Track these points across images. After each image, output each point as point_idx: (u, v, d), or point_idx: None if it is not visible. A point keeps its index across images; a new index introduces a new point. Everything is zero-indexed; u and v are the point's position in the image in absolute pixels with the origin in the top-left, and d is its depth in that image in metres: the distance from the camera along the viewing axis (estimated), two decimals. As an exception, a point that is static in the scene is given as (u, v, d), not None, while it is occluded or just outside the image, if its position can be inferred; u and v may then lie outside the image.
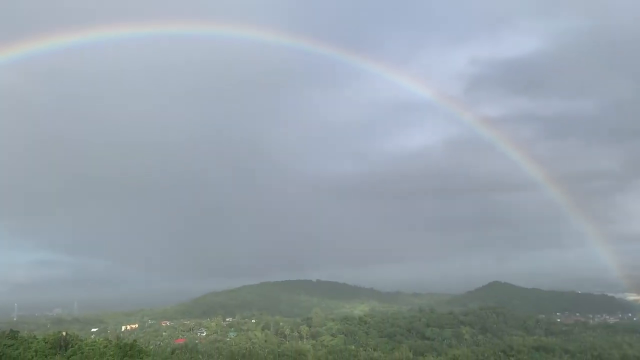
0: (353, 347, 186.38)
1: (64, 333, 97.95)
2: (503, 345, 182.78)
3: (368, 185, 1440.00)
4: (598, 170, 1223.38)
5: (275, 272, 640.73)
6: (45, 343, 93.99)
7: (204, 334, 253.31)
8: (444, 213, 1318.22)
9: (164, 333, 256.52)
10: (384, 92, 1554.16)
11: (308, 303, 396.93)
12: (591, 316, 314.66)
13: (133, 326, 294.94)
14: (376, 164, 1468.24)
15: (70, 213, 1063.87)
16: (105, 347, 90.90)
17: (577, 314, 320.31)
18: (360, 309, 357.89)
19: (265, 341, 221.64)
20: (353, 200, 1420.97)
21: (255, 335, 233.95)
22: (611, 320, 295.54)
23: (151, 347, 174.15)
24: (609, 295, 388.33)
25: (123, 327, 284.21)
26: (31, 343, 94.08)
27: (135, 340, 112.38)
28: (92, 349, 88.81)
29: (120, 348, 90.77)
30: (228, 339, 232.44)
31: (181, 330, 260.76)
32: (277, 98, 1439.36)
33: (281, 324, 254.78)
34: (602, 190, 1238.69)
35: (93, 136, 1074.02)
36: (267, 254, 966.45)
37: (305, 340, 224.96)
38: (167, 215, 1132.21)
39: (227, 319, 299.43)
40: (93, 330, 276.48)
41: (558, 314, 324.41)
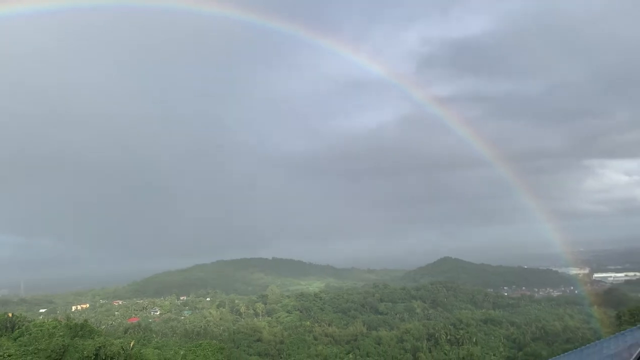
0: (308, 323, 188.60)
1: (10, 314, 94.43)
2: (453, 318, 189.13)
3: (322, 163, 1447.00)
4: (543, 149, 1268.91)
5: (230, 251, 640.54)
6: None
7: (158, 313, 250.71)
8: (397, 190, 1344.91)
9: (117, 312, 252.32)
10: (338, 70, 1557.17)
11: (263, 281, 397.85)
12: (536, 290, 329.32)
13: (84, 306, 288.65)
14: (330, 142, 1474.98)
15: (8, 191, 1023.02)
16: (54, 328, 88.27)
17: (523, 288, 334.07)
18: (315, 286, 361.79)
19: (220, 319, 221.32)
20: (307, 178, 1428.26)
21: (210, 313, 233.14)
22: (555, 293, 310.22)
23: (103, 327, 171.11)
24: (553, 269, 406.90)
25: (73, 307, 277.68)
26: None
27: (86, 320, 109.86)
28: (41, 330, 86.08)
29: (70, 328, 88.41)
30: (182, 318, 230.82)
31: (134, 309, 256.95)
32: (231, 74, 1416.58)
33: (236, 302, 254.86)
34: (547, 168, 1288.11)
35: (30, 109, 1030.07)
36: (222, 233, 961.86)
37: (260, 317, 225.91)
38: (116, 193, 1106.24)
39: (182, 298, 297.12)
40: (41, 311, 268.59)
41: (505, 288, 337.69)
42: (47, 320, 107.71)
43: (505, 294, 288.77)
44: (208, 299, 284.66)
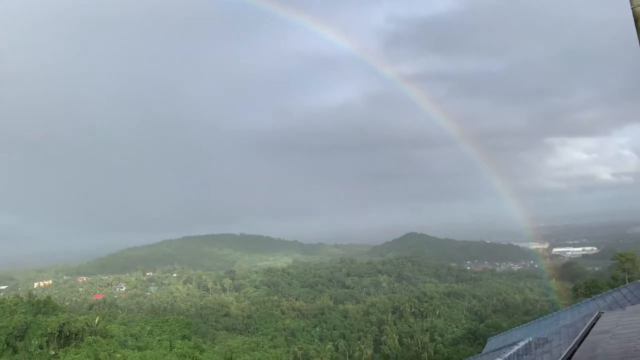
0: (276, 298, 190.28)
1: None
2: (417, 292, 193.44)
3: (289, 139, 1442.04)
4: (506, 127, 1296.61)
5: (197, 227, 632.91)
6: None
7: (123, 289, 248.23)
8: (364, 167, 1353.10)
9: (81, 289, 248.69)
10: (305, 46, 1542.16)
11: (232, 256, 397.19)
12: (498, 264, 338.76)
13: (46, 283, 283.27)
14: (297, 118, 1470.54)
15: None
16: (15, 305, 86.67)
17: (486, 262, 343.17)
18: (283, 261, 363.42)
19: (187, 295, 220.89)
20: (274, 154, 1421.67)
21: (177, 289, 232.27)
22: (515, 267, 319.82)
23: (67, 304, 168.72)
24: (515, 244, 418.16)
25: (35, 284, 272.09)
26: None
27: (49, 296, 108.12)
28: (2, 308, 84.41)
29: (32, 305, 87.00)
30: (149, 294, 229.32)
31: (99, 285, 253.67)
32: (197, 48, 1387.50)
33: (204, 278, 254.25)
34: (510, 146, 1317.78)
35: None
36: (190, 209, 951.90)
37: (228, 292, 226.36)
38: (76, 170, 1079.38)
39: (148, 274, 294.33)
40: (2, 288, 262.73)
41: (468, 262, 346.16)
42: (8, 297, 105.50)
43: (468, 268, 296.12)
44: (175, 275, 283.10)
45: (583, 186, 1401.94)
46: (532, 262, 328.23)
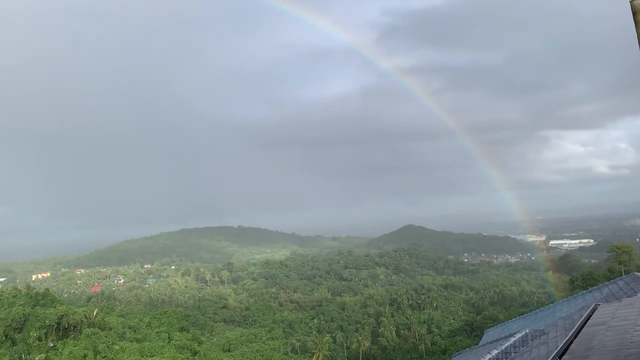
0: (274, 290, 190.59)
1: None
2: (415, 284, 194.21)
3: (286, 132, 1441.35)
4: (502, 120, 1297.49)
5: (195, 219, 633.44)
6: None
7: (122, 281, 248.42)
8: (361, 159, 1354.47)
9: (79, 281, 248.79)
10: (300, 38, 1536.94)
11: (229, 249, 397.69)
12: (495, 256, 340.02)
13: (44, 275, 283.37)
14: (291, 112, 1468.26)
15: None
16: (14, 297, 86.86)
17: (483, 255, 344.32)
18: (281, 253, 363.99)
19: (185, 287, 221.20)
20: (270, 147, 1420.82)
21: (175, 281, 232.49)
22: (512, 259, 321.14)
23: (65, 296, 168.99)
24: (512, 237, 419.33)
25: (33, 276, 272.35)
26: None
27: (47, 289, 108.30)
28: (0, 299, 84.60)
29: (31, 297, 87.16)
30: (147, 286, 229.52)
31: (97, 278, 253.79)
32: (191, 42, 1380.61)
33: (202, 270, 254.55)
34: (506, 139, 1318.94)
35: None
36: (187, 202, 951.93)
37: (226, 284, 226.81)
38: (76, 162, 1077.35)
39: (146, 266, 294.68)
40: (0, 280, 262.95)
41: (465, 255, 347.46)
42: (7, 289, 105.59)
43: (465, 261, 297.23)
44: (173, 267, 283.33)
45: (579, 179, 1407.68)
46: (529, 255, 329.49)
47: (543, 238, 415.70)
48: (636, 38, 7.83)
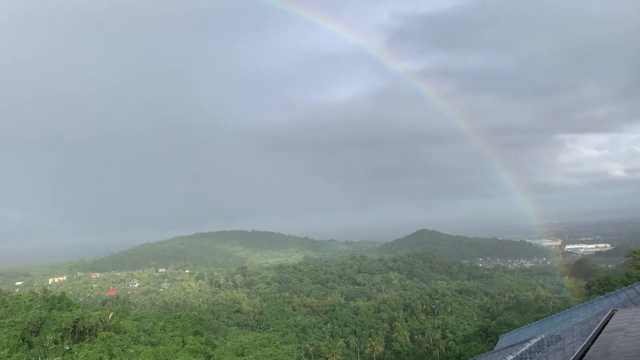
0: (287, 294, 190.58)
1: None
2: (429, 289, 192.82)
3: (298, 136, 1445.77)
4: (516, 123, 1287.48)
5: (209, 224, 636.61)
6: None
7: (136, 285, 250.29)
8: (374, 163, 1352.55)
9: (94, 285, 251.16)
10: (311, 43, 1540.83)
11: (243, 253, 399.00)
12: (510, 261, 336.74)
13: (61, 278, 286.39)
14: (303, 115, 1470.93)
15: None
16: (31, 301, 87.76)
17: (497, 259, 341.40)
18: (294, 257, 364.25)
19: (199, 291, 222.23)
20: (283, 150, 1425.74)
21: (189, 285, 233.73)
22: (527, 264, 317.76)
23: (81, 300, 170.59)
24: (527, 241, 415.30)
25: (50, 280, 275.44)
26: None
27: (63, 292, 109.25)
28: (17, 303, 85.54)
29: (47, 301, 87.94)
30: (161, 290, 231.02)
31: (112, 281, 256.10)
32: (206, 47, 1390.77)
33: (215, 274, 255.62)
34: (520, 142, 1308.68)
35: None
36: (200, 205, 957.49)
37: (239, 289, 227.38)
38: (91, 168, 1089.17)
39: (160, 270, 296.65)
40: (17, 283, 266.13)
41: (480, 259, 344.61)
42: (24, 292, 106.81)
43: (480, 265, 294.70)
44: (187, 271, 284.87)
45: (595, 182, 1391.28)
46: (545, 259, 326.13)
47: (559, 242, 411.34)
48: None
